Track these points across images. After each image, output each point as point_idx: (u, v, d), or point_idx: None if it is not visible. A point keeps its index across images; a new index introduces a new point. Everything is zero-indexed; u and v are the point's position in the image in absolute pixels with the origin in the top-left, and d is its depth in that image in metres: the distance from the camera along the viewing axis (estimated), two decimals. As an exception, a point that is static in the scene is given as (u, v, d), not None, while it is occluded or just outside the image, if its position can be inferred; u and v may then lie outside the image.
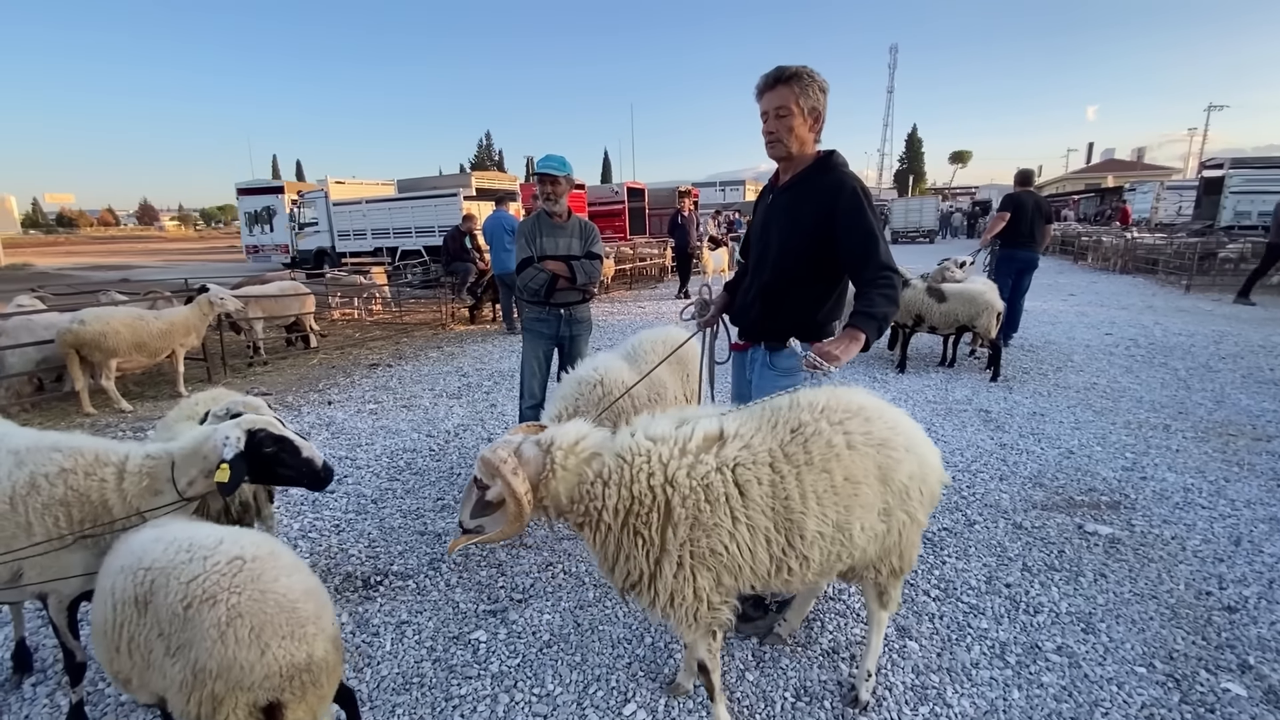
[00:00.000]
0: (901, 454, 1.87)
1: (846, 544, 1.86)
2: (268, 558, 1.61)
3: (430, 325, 10.23)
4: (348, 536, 3.40)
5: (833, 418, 1.86)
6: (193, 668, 1.47)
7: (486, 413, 5.57)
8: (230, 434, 1.94)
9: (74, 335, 5.57)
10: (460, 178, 19.91)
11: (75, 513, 1.88)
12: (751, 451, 1.79)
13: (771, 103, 2.22)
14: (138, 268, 28.28)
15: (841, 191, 2.17)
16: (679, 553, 1.74)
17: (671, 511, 1.72)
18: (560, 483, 1.75)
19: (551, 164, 3.65)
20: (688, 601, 1.78)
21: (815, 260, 2.26)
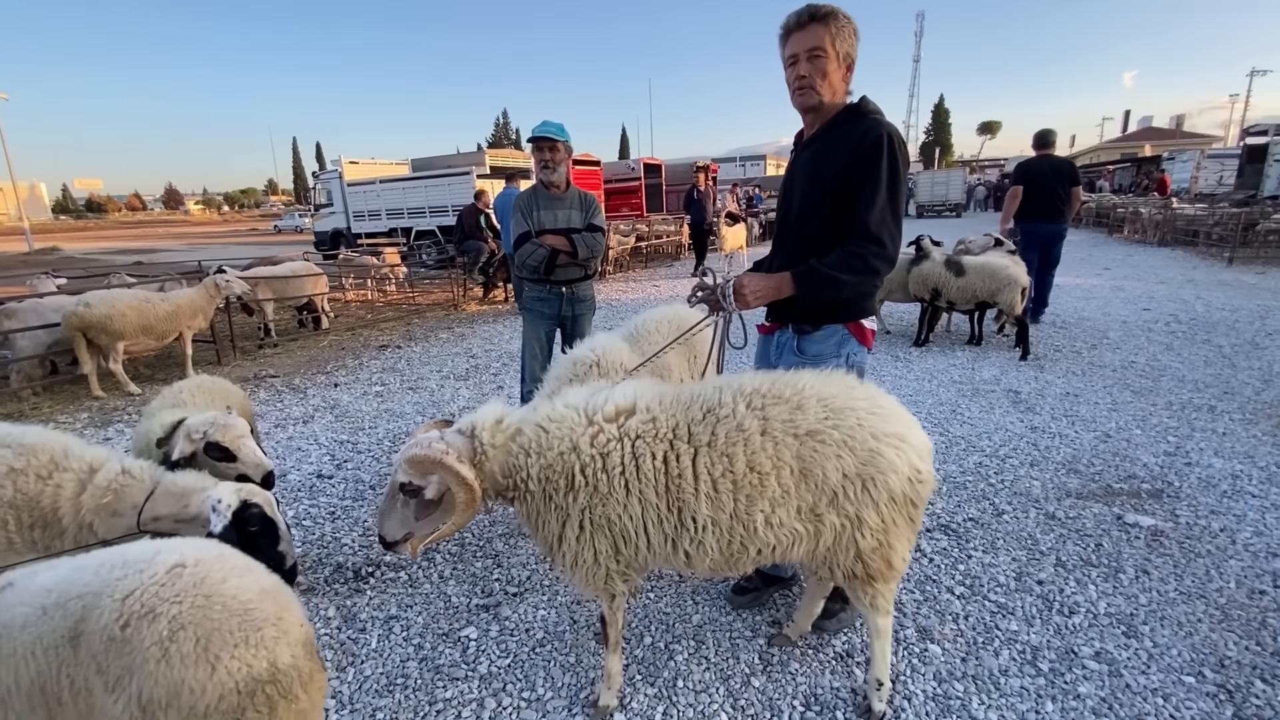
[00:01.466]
0: (832, 448, 1.67)
1: (751, 537, 1.72)
2: (213, 560, 1.42)
3: (442, 306, 10.12)
4: (342, 525, 3.29)
5: (756, 401, 1.74)
6: (138, 701, 1.25)
7: (493, 395, 5.43)
8: (224, 501, 1.81)
9: (80, 318, 5.53)
10: (474, 156, 19.66)
11: (24, 517, 1.76)
12: (654, 426, 1.75)
13: (803, 43, 1.95)
14: (162, 251, 28.66)
15: (864, 138, 1.90)
16: (579, 517, 1.76)
17: (573, 478, 1.74)
18: (493, 462, 1.76)
19: (549, 129, 3.42)
20: (587, 563, 1.81)
21: (838, 223, 1.98)
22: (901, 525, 1.76)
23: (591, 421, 1.78)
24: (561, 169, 3.54)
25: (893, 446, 1.70)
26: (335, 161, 18.49)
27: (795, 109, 2.11)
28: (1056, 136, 7.03)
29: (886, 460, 1.69)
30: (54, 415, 5.29)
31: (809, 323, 2.12)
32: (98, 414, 5.28)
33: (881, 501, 1.70)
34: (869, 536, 1.73)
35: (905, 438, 1.72)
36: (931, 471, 1.78)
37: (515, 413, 1.88)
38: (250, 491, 1.90)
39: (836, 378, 1.80)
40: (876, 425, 1.71)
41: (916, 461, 1.73)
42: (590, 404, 1.82)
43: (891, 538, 1.75)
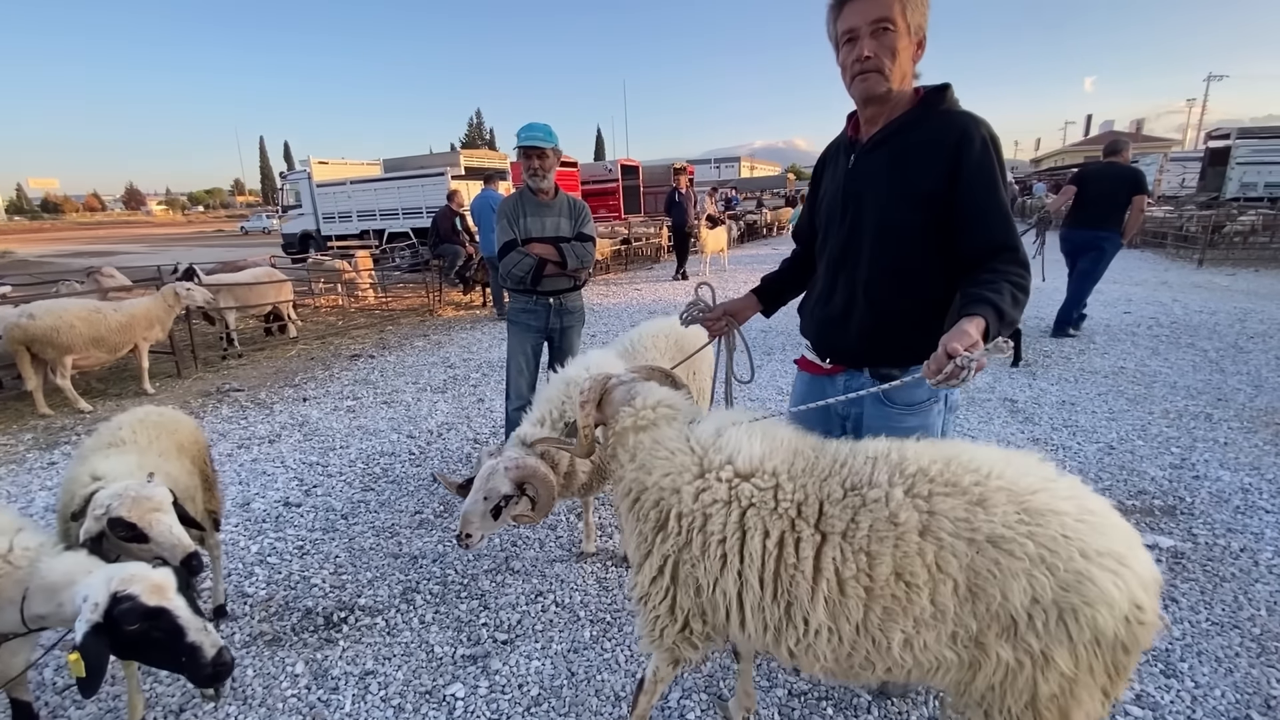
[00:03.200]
0: (1023, 563, 1.25)
1: (879, 655, 1.36)
2: None
3: (417, 311, 9.77)
4: (311, 561, 3.00)
5: (920, 486, 1.34)
6: None
7: (473, 409, 5.16)
8: (90, 595, 1.40)
9: (23, 331, 5.11)
10: (448, 156, 19.21)
11: None
12: (775, 496, 1.42)
13: (865, 14, 1.54)
14: (124, 253, 27.56)
15: (968, 141, 1.55)
16: (662, 561, 1.56)
17: (666, 521, 1.54)
18: (612, 435, 1.74)
19: (536, 135, 3.18)
20: (658, 611, 1.61)
21: (935, 243, 1.62)
22: (1098, 674, 1.29)
23: (704, 472, 1.51)
24: (550, 176, 3.31)
25: (1109, 571, 1.24)
26: (304, 161, 17.91)
27: (853, 98, 1.70)
28: (1126, 145, 6.74)
29: (1099, 589, 1.23)
30: (-7, 437, 4.87)
31: (896, 365, 1.72)
32: (43, 434, 4.88)
33: (1082, 642, 1.25)
34: (1052, 682, 1.29)
35: (1125, 560, 1.26)
36: (1156, 609, 1.29)
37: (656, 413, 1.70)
38: (129, 579, 1.44)
39: (1030, 463, 1.37)
40: (1088, 539, 1.26)
41: (1139, 594, 1.25)
42: (715, 446, 1.54)
43: (1080, 689, 1.29)
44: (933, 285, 1.65)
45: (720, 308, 2.05)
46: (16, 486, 3.92)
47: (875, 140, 1.68)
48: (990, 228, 1.55)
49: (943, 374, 1.25)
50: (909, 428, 1.69)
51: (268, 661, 2.34)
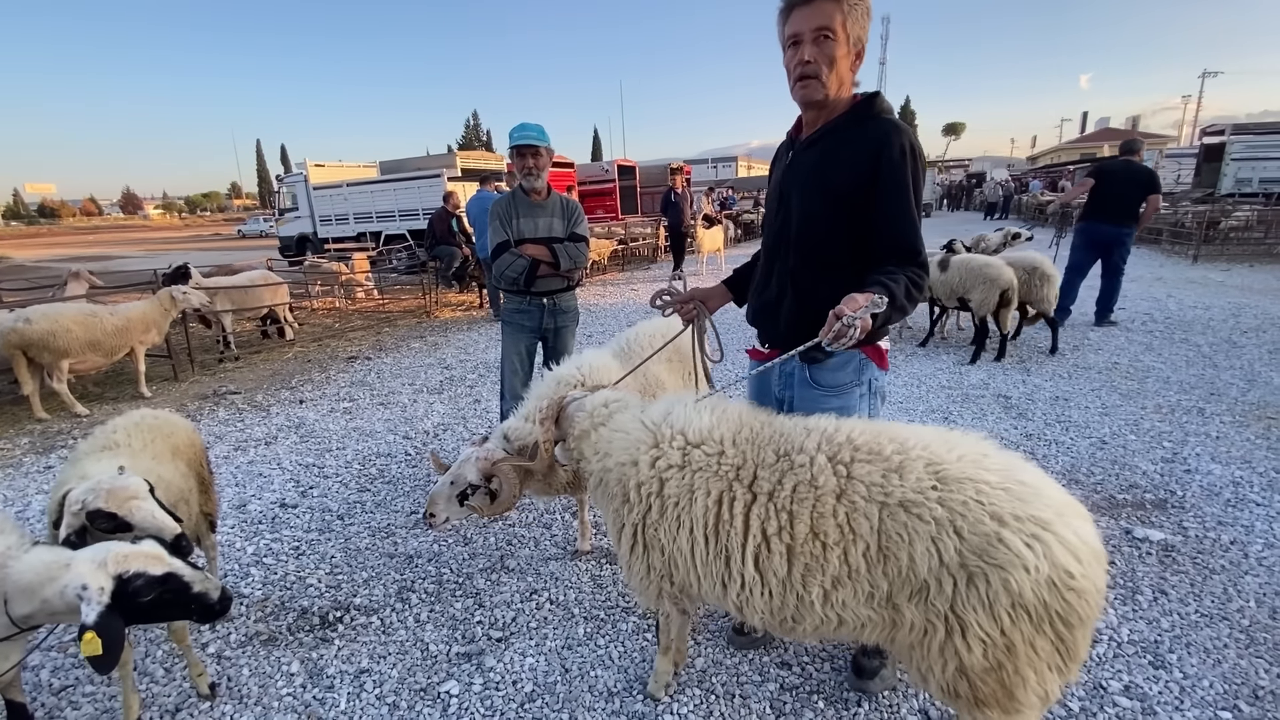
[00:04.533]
0: (928, 526, 1.32)
1: (806, 610, 1.48)
2: None
3: (414, 313, 9.78)
4: (307, 562, 3.02)
5: (843, 454, 1.46)
6: None
7: (469, 409, 5.18)
8: (90, 584, 1.41)
9: (19, 335, 5.12)
10: (445, 158, 19.21)
11: None
12: (718, 461, 1.60)
13: (809, 21, 1.64)
14: (121, 257, 27.52)
15: (887, 147, 1.65)
16: (633, 531, 1.72)
17: (628, 494, 1.70)
18: (575, 441, 1.94)
19: (529, 134, 3.20)
20: (640, 575, 1.78)
21: (852, 237, 1.75)
22: (1039, 647, 1.30)
23: (658, 442, 1.68)
24: (544, 175, 3.32)
25: (1024, 535, 1.27)
26: (301, 164, 17.90)
27: (795, 101, 1.81)
28: (1141, 145, 7.09)
29: (1009, 552, 1.26)
30: (-11, 441, 4.87)
31: (821, 350, 1.86)
32: (40, 439, 4.89)
33: (1000, 607, 1.28)
34: (976, 650, 1.32)
35: (1049, 525, 1.28)
36: (1095, 579, 1.29)
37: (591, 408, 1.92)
38: (120, 559, 1.48)
39: (969, 441, 1.45)
40: (1003, 504, 1.30)
41: (1065, 559, 1.26)
42: (666, 421, 1.71)
43: (1018, 661, 1.31)
44: (852, 276, 1.72)
45: (689, 293, 2.13)
46: (13, 491, 3.93)
47: (810, 140, 1.82)
48: (897, 231, 1.68)
49: (831, 332, 1.40)
50: (833, 408, 1.79)
51: (263, 661, 2.35)
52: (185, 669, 2.26)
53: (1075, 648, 1.33)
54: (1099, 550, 1.32)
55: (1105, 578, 1.35)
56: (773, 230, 1.94)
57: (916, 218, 1.70)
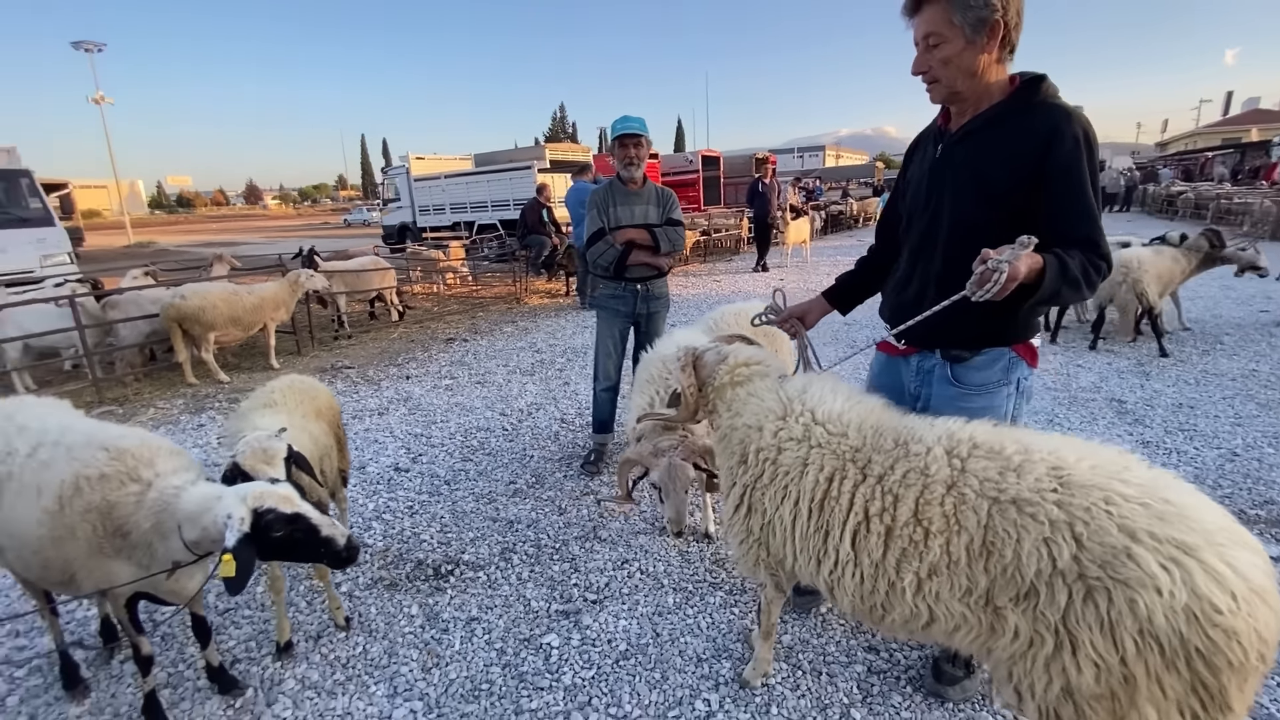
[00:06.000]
0: (1041, 527, 1.26)
1: (896, 598, 1.47)
2: None
3: (505, 299, 10.25)
4: (421, 520, 3.32)
5: (961, 449, 1.43)
6: None
7: (560, 391, 5.42)
8: (234, 513, 1.61)
9: (176, 310, 5.84)
10: (534, 150, 19.85)
11: (105, 524, 1.72)
12: (838, 441, 1.62)
13: (918, 30, 1.63)
14: (245, 243, 30.31)
15: (1058, 139, 1.54)
16: (742, 491, 1.79)
17: (745, 455, 1.77)
18: (714, 391, 1.96)
19: (633, 125, 3.34)
20: (740, 538, 1.85)
21: (1008, 236, 1.54)
22: (1168, 685, 1.16)
23: (786, 415, 1.72)
24: (643, 165, 3.46)
25: (1160, 555, 1.15)
26: (403, 157, 19.06)
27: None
28: None
29: (1139, 570, 1.15)
30: (154, 401, 5.60)
31: (967, 348, 1.78)
32: (192, 400, 5.57)
33: (1123, 630, 1.16)
34: (1088, 672, 1.21)
35: (1195, 550, 1.14)
36: (1258, 621, 1.13)
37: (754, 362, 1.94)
38: (259, 495, 1.65)
39: (1108, 452, 1.35)
40: (1138, 519, 1.19)
41: (1210, 590, 1.12)
42: (800, 396, 1.74)
43: (1137, 694, 1.18)
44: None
45: (788, 311, 2.19)
46: (172, 442, 4.52)
47: (964, 131, 1.70)
48: (1073, 226, 1.57)
49: (976, 278, 1.40)
50: (976, 408, 1.74)
51: (387, 603, 2.63)
52: (325, 603, 2.58)
53: (1224, 696, 1.16)
54: (1267, 588, 1.16)
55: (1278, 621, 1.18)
56: (919, 229, 1.84)
57: (1097, 212, 1.59)
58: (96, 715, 2.13)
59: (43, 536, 1.74)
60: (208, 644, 2.14)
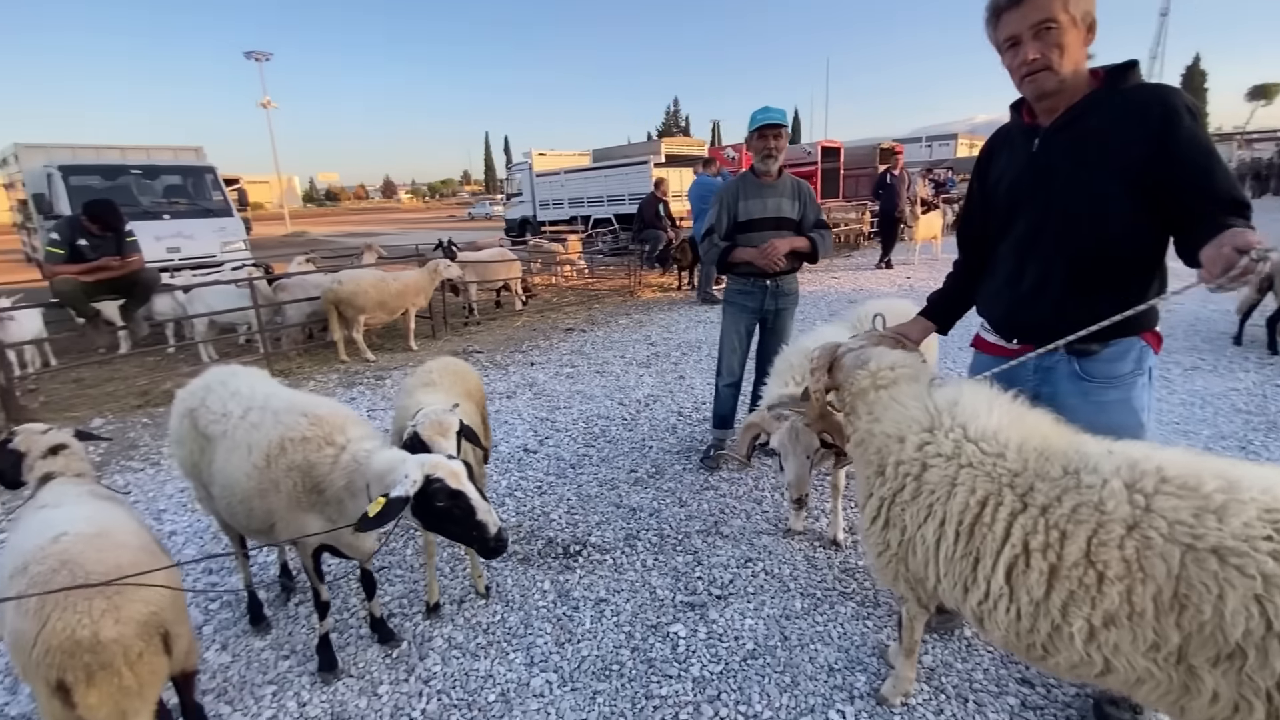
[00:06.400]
0: (1252, 582, 1.09)
1: (1060, 642, 1.32)
2: (91, 535, 1.57)
3: (619, 292, 10.47)
4: (549, 500, 3.47)
5: (1146, 482, 1.25)
6: (7, 638, 1.49)
7: (675, 384, 5.45)
8: (410, 473, 1.76)
9: (334, 293, 6.50)
10: (650, 145, 20.05)
11: (304, 480, 1.93)
12: (995, 462, 1.46)
13: (1025, 19, 1.57)
14: (382, 234, 33.14)
15: (1172, 110, 1.52)
16: (880, 503, 1.68)
17: (884, 466, 1.66)
18: (848, 394, 1.87)
19: (775, 115, 3.27)
20: (877, 550, 1.74)
21: (1135, 218, 1.60)
22: None
23: (933, 427, 1.59)
24: (782, 157, 3.38)
25: None
26: (526, 154, 19.95)
27: (1026, 96, 1.74)
28: None
29: None
30: (312, 374, 6.26)
31: (1097, 339, 1.67)
32: (344, 376, 6.17)
33: None
34: None
35: None
36: None
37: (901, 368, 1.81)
38: (434, 465, 1.77)
39: None
40: None
41: None
42: (951, 409, 1.59)
43: None
44: (1133, 258, 1.65)
45: (889, 332, 2.06)
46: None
47: (1064, 121, 1.67)
48: (1219, 189, 1.49)
49: (1235, 270, 1.23)
50: (1111, 401, 1.70)
51: (522, 576, 2.78)
52: (467, 571, 2.77)
53: None
54: None
55: None
56: (1027, 220, 1.78)
57: (1233, 176, 1.53)
58: (276, 649, 2.43)
59: (250, 489, 2.00)
60: (372, 596, 2.37)
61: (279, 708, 2.13)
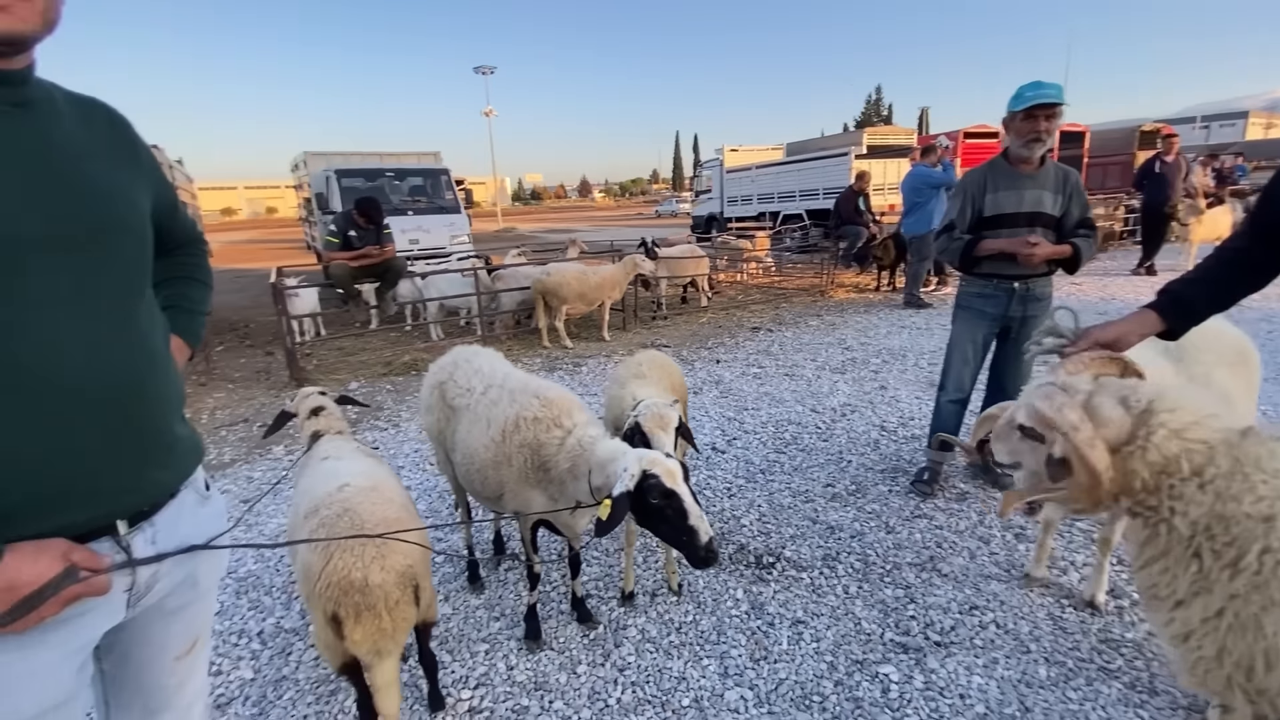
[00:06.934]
0: None
1: None
2: (367, 488, 1.80)
3: (808, 291, 9.99)
4: (739, 504, 3.36)
5: None
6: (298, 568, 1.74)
7: (876, 395, 5.01)
8: (629, 467, 1.75)
9: (542, 284, 7.02)
10: (850, 136, 18.94)
11: (533, 458, 2.03)
12: None
13: None
14: (578, 230, 35.57)
15: None
16: (1221, 603, 1.28)
17: (1247, 553, 1.24)
18: (1144, 466, 1.32)
19: (1049, 92, 2.73)
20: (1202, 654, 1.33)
21: None
22: None
23: None
24: (1051, 141, 2.86)
25: None
26: (718, 150, 19.99)
27: None
28: None
29: None
30: (519, 358, 6.83)
31: None
32: (546, 361, 6.65)
33: None
34: None
35: None
36: None
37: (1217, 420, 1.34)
38: (652, 461, 1.75)
39: None
40: None
41: None
42: None
43: None
44: None
45: (1089, 335, 1.57)
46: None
47: None
48: None
49: None
50: None
51: (713, 579, 2.70)
52: (660, 564, 2.77)
53: None
54: None
55: None
56: None
57: None
58: (488, 610, 2.62)
59: (487, 459, 2.15)
60: (576, 575, 2.46)
61: (490, 666, 2.29)
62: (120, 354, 1.01)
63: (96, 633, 1.02)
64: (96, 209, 1.00)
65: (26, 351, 0.89)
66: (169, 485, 1.11)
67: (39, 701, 0.95)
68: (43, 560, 0.88)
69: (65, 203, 0.95)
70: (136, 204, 1.09)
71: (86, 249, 0.97)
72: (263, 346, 7.72)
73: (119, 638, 1.11)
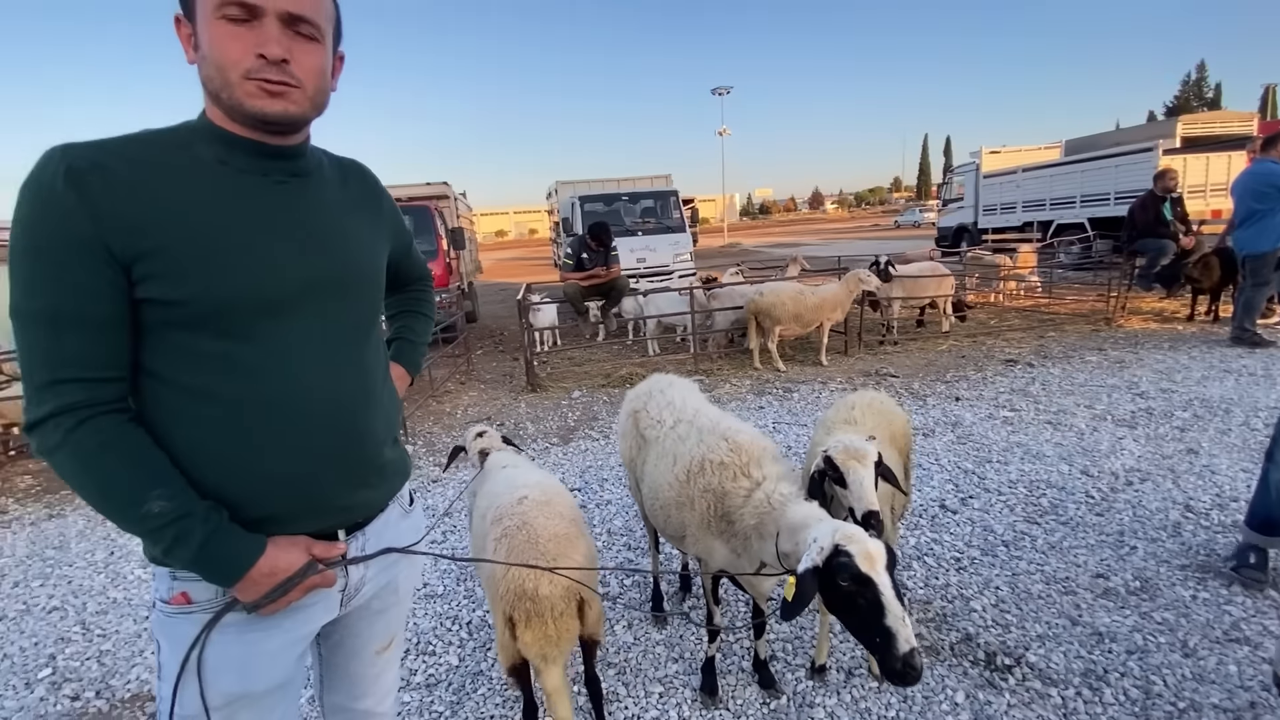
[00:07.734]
0: None
1: None
2: (542, 503, 1.92)
3: (1088, 318, 8.21)
4: (970, 580, 2.80)
5: None
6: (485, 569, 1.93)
7: (1179, 460, 3.85)
8: (821, 542, 1.50)
9: (755, 304, 6.85)
10: (1157, 127, 15.33)
11: (717, 506, 1.90)
12: None
13: None
14: (805, 244, 34.54)
15: None
16: None
17: None
18: None
19: None
20: None
21: None
22: None
23: None
24: None
25: None
26: (974, 153, 17.69)
27: None
28: None
29: None
30: (729, 378, 6.73)
31: None
32: (755, 382, 6.45)
33: None
34: None
35: None
36: None
37: None
38: (849, 537, 1.49)
39: None
40: None
41: None
42: None
43: None
44: None
45: None
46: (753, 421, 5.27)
47: None
48: None
49: None
50: None
51: (928, 671, 2.27)
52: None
53: None
54: None
55: None
56: None
57: None
58: (668, 648, 2.53)
59: (670, 498, 2.08)
60: (760, 635, 2.25)
61: (662, 712, 2.20)
62: (348, 390, 1.13)
63: (317, 624, 1.17)
64: (346, 259, 1.14)
65: (287, 388, 1.04)
66: (378, 504, 1.24)
67: (269, 679, 1.10)
68: (294, 552, 1.05)
69: (326, 257, 1.10)
70: (378, 253, 1.25)
71: (335, 296, 1.11)
72: (511, 353, 8.81)
73: (334, 629, 1.27)
